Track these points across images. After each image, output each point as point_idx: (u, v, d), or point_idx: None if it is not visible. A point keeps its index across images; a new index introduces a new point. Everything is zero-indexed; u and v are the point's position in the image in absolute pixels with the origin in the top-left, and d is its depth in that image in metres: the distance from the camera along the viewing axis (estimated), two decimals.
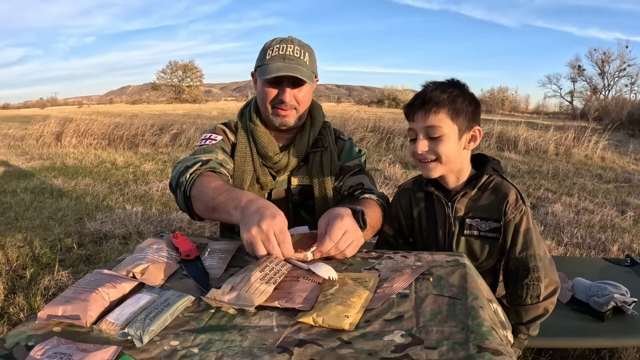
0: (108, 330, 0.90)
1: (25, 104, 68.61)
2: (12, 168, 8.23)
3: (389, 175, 7.05)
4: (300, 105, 1.68)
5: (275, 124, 1.69)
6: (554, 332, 1.82)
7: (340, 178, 1.75)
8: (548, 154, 9.69)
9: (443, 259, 1.21)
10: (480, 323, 0.89)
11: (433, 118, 1.40)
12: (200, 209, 1.44)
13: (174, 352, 0.84)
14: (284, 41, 1.66)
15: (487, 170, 1.52)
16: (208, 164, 1.56)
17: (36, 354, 0.83)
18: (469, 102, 1.44)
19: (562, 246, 4.01)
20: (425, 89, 1.44)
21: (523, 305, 1.47)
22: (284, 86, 1.63)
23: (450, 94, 1.41)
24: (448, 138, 1.42)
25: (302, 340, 0.85)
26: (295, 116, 1.69)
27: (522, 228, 1.46)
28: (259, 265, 1.07)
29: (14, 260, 3.69)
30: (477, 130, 1.47)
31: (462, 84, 1.48)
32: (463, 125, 1.43)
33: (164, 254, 1.24)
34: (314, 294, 1.00)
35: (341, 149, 1.82)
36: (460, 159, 1.49)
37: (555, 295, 1.49)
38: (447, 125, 1.41)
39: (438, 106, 1.39)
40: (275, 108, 1.66)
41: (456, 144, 1.44)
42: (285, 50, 1.62)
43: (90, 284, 1.03)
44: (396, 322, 0.91)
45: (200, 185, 1.44)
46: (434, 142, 1.42)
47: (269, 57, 1.63)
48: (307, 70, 1.64)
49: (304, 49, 1.67)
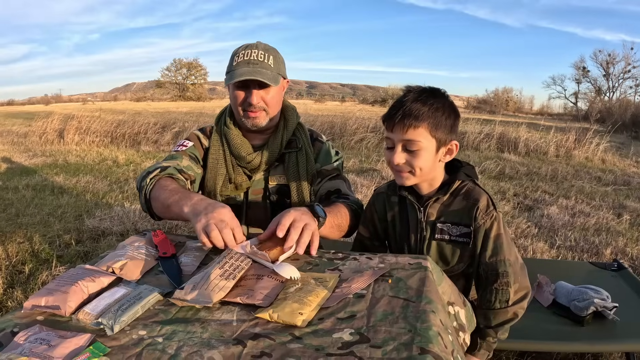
0: (84, 320, 0.99)
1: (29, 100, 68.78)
2: (14, 165, 8.32)
3: (386, 176, 7.05)
4: (269, 106, 1.76)
5: (248, 126, 1.78)
6: (534, 335, 1.84)
7: (318, 181, 1.82)
8: (548, 156, 9.64)
9: (406, 261, 1.26)
10: (429, 327, 0.94)
11: (412, 132, 1.41)
12: (158, 208, 1.58)
13: (140, 341, 0.91)
14: (249, 47, 1.75)
15: (460, 176, 1.55)
16: (166, 170, 1.68)
17: (19, 339, 0.92)
18: (449, 115, 1.45)
19: (555, 249, 4.00)
20: (405, 100, 1.43)
21: (492, 309, 1.50)
22: (250, 89, 1.72)
23: (430, 107, 1.41)
24: (425, 152, 1.44)
25: (257, 334, 0.93)
26: (265, 117, 1.77)
27: (492, 233, 1.50)
28: (219, 262, 1.15)
29: (13, 256, 3.76)
30: (454, 144, 1.50)
31: (442, 94, 1.49)
32: (441, 138, 1.45)
33: (142, 251, 1.32)
34: (275, 292, 1.08)
35: (319, 151, 1.89)
36: (435, 170, 1.53)
37: (525, 301, 1.52)
38: (425, 139, 1.43)
39: (418, 120, 1.40)
40: (246, 111, 1.75)
41: (432, 157, 1.47)
42: (250, 55, 1.72)
43: (71, 277, 1.11)
44: (347, 321, 0.97)
45: (158, 188, 1.58)
46: (411, 155, 1.45)
47: (235, 63, 1.72)
48: (271, 72, 1.73)
49: (269, 53, 1.75)
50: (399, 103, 1.45)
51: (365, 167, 7.86)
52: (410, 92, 1.47)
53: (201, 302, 1.03)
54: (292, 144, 1.86)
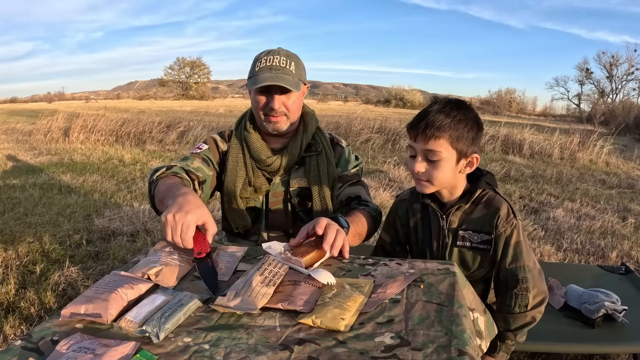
0: (127, 328, 1.00)
1: (32, 98, 68.63)
2: (20, 163, 8.33)
3: (394, 177, 7.08)
4: (290, 111, 1.80)
5: (269, 130, 1.82)
6: (546, 337, 1.88)
7: (339, 186, 1.86)
8: (552, 158, 9.64)
9: (435, 267, 1.30)
10: (463, 330, 0.98)
11: (433, 143, 1.45)
12: (157, 203, 1.61)
13: (187, 348, 0.94)
14: (271, 53, 1.79)
15: (481, 185, 1.58)
16: (172, 169, 1.72)
17: (62, 348, 0.92)
18: (471, 128, 1.49)
19: (562, 252, 4.02)
20: (430, 110, 1.47)
21: (512, 313, 1.54)
22: (272, 94, 1.76)
23: (453, 119, 1.45)
24: (445, 162, 1.48)
25: (302, 339, 0.95)
26: (286, 122, 1.81)
27: (512, 241, 1.54)
28: (259, 269, 1.17)
29: (24, 256, 3.77)
30: (475, 157, 1.53)
31: (467, 106, 1.53)
32: (462, 150, 1.49)
33: (175, 256, 1.34)
34: (314, 297, 1.10)
35: (340, 156, 1.93)
36: (455, 180, 1.56)
37: (543, 305, 1.56)
38: (446, 150, 1.46)
39: (440, 131, 1.43)
40: (267, 115, 1.79)
41: (452, 169, 1.51)
42: (272, 61, 1.76)
43: (109, 284, 1.13)
44: (387, 325, 1.01)
45: (160, 185, 1.62)
46: (431, 165, 1.49)
47: (258, 69, 1.77)
48: (292, 78, 1.77)
49: (290, 59, 1.79)
50: (424, 113, 1.49)
51: (372, 169, 7.87)
52: (435, 103, 1.50)
53: (245, 309, 1.05)
54: (312, 147, 1.89)
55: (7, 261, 3.66)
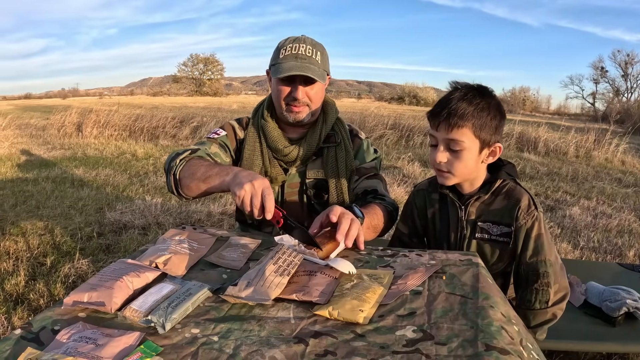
0: (132, 317, 0.95)
1: (47, 94, 69.34)
2: (33, 157, 8.36)
3: (407, 173, 7.02)
4: (312, 102, 1.74)
5: (289, 120, 1.76)
6: (565, 335, 1.82)
7: (355, 179, 1.80)
8: (568, 156, 9.56)
9: (457, 258, 1.23)
10: (490, 322, 0.91)
11: (456, 132, 1.39)
12: (191, 185, 1.55)
13: (194, 339, 0.88)
14: (297, 40, 1.72)
15: (501, 175, 1.52)
16: (197, 153, 1.68)
17: (62, 337, 0.87)
18: (494, 116, 1.42)
19: (578, 250, 3.97)
20: (452, 98, 1.41)
21: (532, 309, 1.48)
22: (296, 84, 1.70)
23: (476, 107, 1.38)
24: (468, 152, 1.42)
25: (318, 332, 0.89)
26: (307, 112, 1.75)
27: (533, 233, 1.47)
28: (272, 258, 1.10)
29: (34, 248, 3.76)
30: (497, 147, 1.47)
31: (489, 93, 1.46)
32: (485, 139, 1.42)
33: (185, 245, 1.29)
34: (331, 288, 1.04)
35: (358, 148, 1.86)
36: (477, 171, 1.50)
37: (564, 302, 1.50)
38: (469, 140, 1.40)
39: (463, 120, 1.37)
40: (289, 105, 1.73)
41: (474, 158, 1.44)
42: (297, 49, 1.69)
43: (115, 272, 1.07)
44: (408, 318, 0.94)
45: (191, 166, 1.57)
46: (454, 154, 1.43)
47: (282, 57, 1.70)
48: (318, 69, 1.70)
49: (316, 48, 1.73)
50: (446, 100, 1.42)
51: (386, 165, 7.80)
52: (457, 89, 1.44)
53: (257, 299, 0.99)
54: (331, 138, 1.83)
55: (18, 253, 3.66)
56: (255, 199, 1.29)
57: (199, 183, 1.52)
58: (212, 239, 1.39)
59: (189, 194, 1.58)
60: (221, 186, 1.45)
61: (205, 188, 1.52)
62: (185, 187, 1.57)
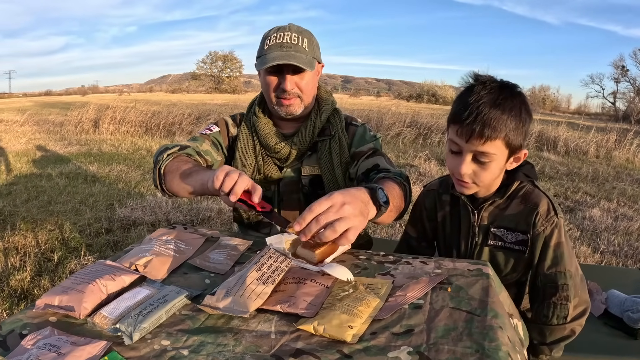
0: (101, 324, 0.87)
1: (67, 91, 70.13)
2: (49, 153, 8.39)
3: (424, 171, 6.93)
4: (303, 92, 1.63)
5: (281, 114, 1.66)
6: (582, 348, 1.70)
7: (354, 164, 1.67)
8: (588, 156, 9.40)
9: (465, 267, 1.11)
10: (498, 346, 0.79)
11: (489, 145, 1.23)
12: (173, 181, 1.47)
13: (163, 353, 0.79)
14: (281, 29, 1.62)
15: (519, 177, 1.38)
16: (185, 150, 1.60)
17: (27, 343, 0.82)
18: (525, 121, 1.26)
19: (598, 253, 3.85)
20: (481, 103, 1.22)
21: (548, 325, 1.35)
22: (284, 74, 1.59)
23: (509, 114, 1.22)
24: (495, 163, 1.28)
25: (299, 350, 0.79)
26: (300, 104, 1.65)
27: (552, 242, 1.34)
28: (256, 263, 1.00)
29: (43, 243, 3.75)
30: (523, 153, 1.32)
31: (519, 94, 1.29)
32: (515, 148, 1.28)
33: (171, 246, 1.20)
34: (320, 299, 0.94)
35: (353, 135, 1.74)
36: (499, 178, 1.38)
37: (584, 317, 1.37)
38: (500, 151, 1.26)
39: (497, 132, 1.21)
40: (279, 98, 1.63)
41: (501, 167, 1.31)
42: (282, 38, 1.59)
43: (89, 274, 1.00)
44: (404, 337, 0.83)
45: (177, 162, 1.50)
46: (480, 166, 1.28)
47: (267, 47, 1.60)
48: (305, 56, 1.60)
49: (302, 35, 1.62)
50: (474, 107, 1.22)
51: (402, 163, 7.71)
52: (482, 87, 1.25)
53: (235, 311, 0.89)
54: (326, 131, 1.72)
55: (26, 248, 3.66)
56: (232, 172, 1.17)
57: (180, 180, 1.44)
58: (200, 239, 1.30)
59: (171, 190, 1.50)
60: (202, 187, 1.35)
61: (185, 184, 1.43)
62: (168, 182, 1.49)
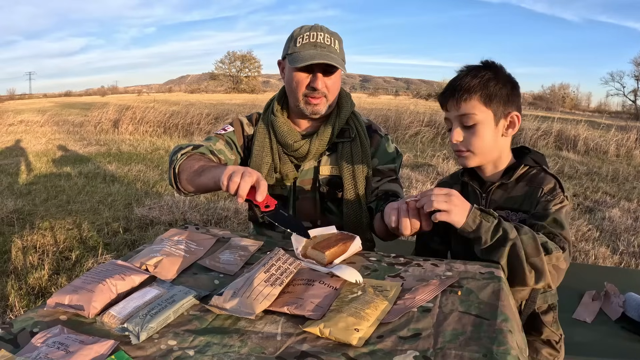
0: (109, 323, 0.88)
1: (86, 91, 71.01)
2: (69, 153, 8.50)
3: (442, 171, 6.89)
4: (330, 92, 1.66)
5: (306, 113, 1.67)
6: (600, 352, 1.68)
7: (377, 179, 1.70)
8: (608, 155, 9.27)
9: (477, 270, 1.10)
10: (507, 350, 0.78)
11: (464, 106, 1.33)
12: (187, 179, 1.52)
13: (169, 352, 0.80)
14: (314, 29, 1.64)
15: (526, 160, 1.40)
16: (199, 149, 1.63)
17: (37, 341, 0.83)
18: (503, 85, 1.34)
19: (617, 255, 3.81)
20: (457, 76, 1.38)
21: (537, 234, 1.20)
22: (315, 73, 1.61)
23: (482, 79, 1.33)
24: (483, 126, 1.33)
25: (305, 352, 0.78)
26: (325, 104, 1.66)
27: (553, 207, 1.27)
28: (265, 264, 1.00)
29: (61, 242, 3.80)
30: (514, 115, 1.36)
31: (496, 65, 1.39)
32: (498, 110, 1.34)
33: (182, 246, 1.20)
34: (328, 301, 0.93)
35: (377, 146, 1.75)
36: (498, 147, 1.38)
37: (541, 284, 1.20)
38: (480, 111, 1.33)
39: (469, 92, 1.32)
40: (307, 96, 1.64)
41: (492, 132, 1.35)
42: (316, 37, 1.61)
43: (100, 274, 1.00)
44: (411, 341, 0.82)
45: (190, 161, 1.54)
46: (469, 131, 1.35)
47: (300, 45, 1.61)
48: (338, 57, 1.63)
49: (334, 37, 1.65)
50: (452, 80, 1.40)
51: (420, 162, 7.67)
52: (463, 70, 1.40)
53: (241, 312, 0.89)
54: (345, 133, 1.73)
55: (44, 247, 3.71)
56: (234, 175, 1.22)
57: (194, 177, 1.49)
58: (212, 240, 1.30)
59: (186, 188, 1.55)
60: (214, 180, 1.39)
61: (198, 181, 1.48)
62: (183, 181, 1.53)
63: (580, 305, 1.99)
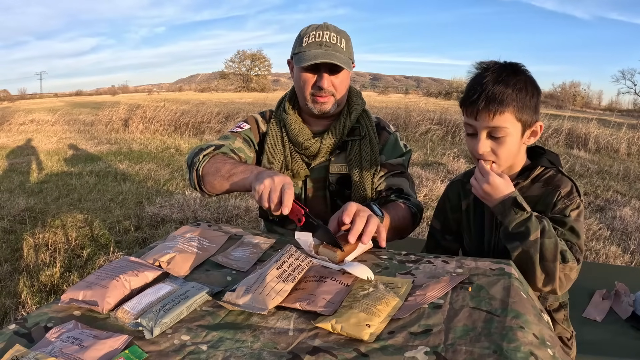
0: (123, 319, 0.89)
1: (97, 91, 71.27)
2: (80, 152, 8.56)
3: (452, 169, 6.86)
4: (337, 91, 1.66)
5: (314, 112, 1.68)
6: (609, 351, 1.66)
7: (381, 175, 1.70)
8: (619, 154, 9.17)
9: (487, 266, 1.10)
10: (517, 347, 0.78)
11: (498, 119, 1.26)
12: (213, 182, 1.53)
13: (182, 347, 0.81)
14: (320, 28, 1.64)
15: (542, 161, 1.39)
16: (220, 149, 1.63)
17: (51, 336, 0.84)
18: (532, 94, 1.29)
19: (629, 254, 3.78)
20: (485, 81, 1.27)
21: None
22: (321, 73, 1.62)
23: (514, 88, 1.26)
24: (511, 138, 1.29)
25: (316, 348, 0.79)
26: (333, 102, 1.67)
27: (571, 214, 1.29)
28: (277, 261, 1.01)
29: (72, 240, 3.83)
30: (538, 125, 1.34)
31: (523, 70, 1.33)
32: (527, 121, 1.30)
33: (194, 243, 1.22)
34: (339, 298, 0.94)
35: (385, 142, 1.76)
36: (518, 154, 1.37)
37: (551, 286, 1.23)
38: (512, 125, 1.28)
39: (503, 105, 1.24)
40: (314, 95, 1.65)
41: (518, 142, 1.32)
42: (321, 37, 1.62)
43: (113, 270, 1.02)
44: (422, 336, 0.82)
45: (215, 162, 1.55)
46: (496, 142, 1.30)
47: (306, 44, 1.62)
48: (344, 56, 1.63)
49: (340, 35, 1.65)
50: (479, 85, 1.28)
51: (430, 161, 7.65)
52: (487, 70, 1.31)
53: (254, 308, 0.90)
54: (355, 131, 1.74)
55: (56, 245, 3.74)
56: (273, 194, 1.25)
57: (222, 181, 1.49)
58: (224, 237, 1.31)
59: (212, 191, 1.56)
60: (244, 184, 1.42)
61: (228, 186, 1.49)
62: (208, 184, 1.54)
63: (590, 304, 1.98)
